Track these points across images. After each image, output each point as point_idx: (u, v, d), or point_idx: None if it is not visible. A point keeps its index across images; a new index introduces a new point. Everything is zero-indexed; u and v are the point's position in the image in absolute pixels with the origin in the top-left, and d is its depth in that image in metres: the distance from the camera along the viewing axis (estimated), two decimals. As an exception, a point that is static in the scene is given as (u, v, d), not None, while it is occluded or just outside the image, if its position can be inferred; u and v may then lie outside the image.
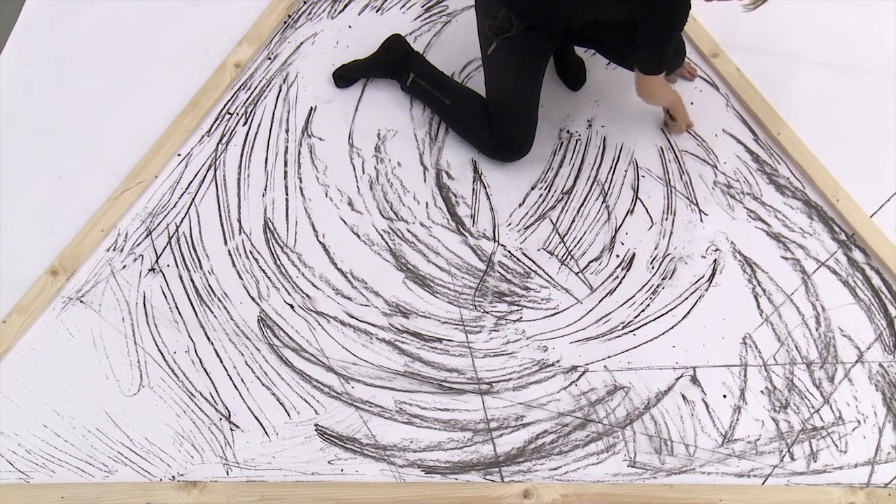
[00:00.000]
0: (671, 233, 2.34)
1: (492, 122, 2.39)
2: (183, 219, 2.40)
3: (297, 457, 2.07)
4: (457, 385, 2.15)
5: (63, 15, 2.80)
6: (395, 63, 2.54)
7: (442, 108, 2.49)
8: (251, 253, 2.35)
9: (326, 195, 2.44)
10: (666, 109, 2.47)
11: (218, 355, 2.20)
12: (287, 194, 2.44)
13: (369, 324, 2.24)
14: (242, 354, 2.20)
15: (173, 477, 2.06)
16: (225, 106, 2.60)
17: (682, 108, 2.46)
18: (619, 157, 2.47)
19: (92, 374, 2.18)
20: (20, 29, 2.78)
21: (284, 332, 2.23)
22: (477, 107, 2.43)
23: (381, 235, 2.37)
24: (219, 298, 2.28)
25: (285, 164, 2.49)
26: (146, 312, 2.26)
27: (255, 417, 2.12)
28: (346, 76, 2.59)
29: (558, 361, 2.17)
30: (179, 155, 2.51)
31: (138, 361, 2.19)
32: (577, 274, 2.30)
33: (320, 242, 2.36)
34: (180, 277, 2.31)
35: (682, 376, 2.14)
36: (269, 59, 2.69)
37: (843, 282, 2.25)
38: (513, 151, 2.41)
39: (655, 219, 2.36)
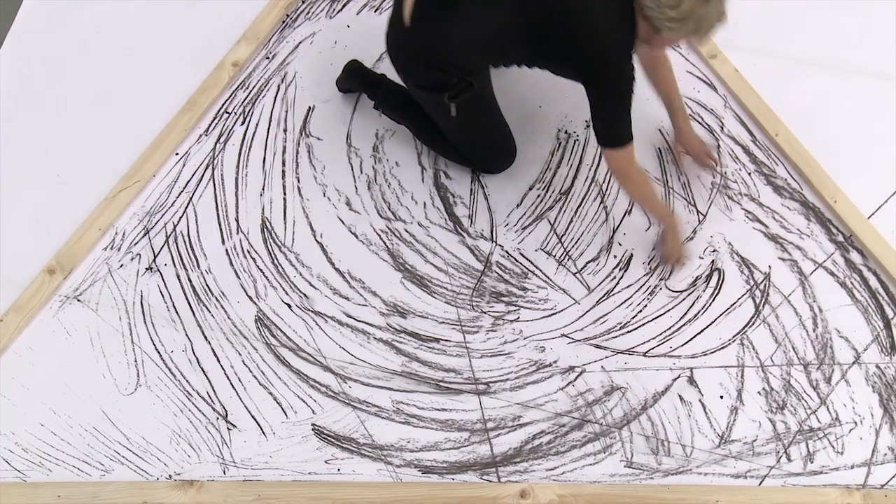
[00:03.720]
0: (669, 233, 2.34)
1: (472, 162, 2.39)
2: (180, 218, 2.40)
3: (293, 456, 2.07)
4: (454, 385, 2.15)
5: (61, 14, 2.80)
6: (358, 90, 2.50)
7: (416, 136, 2.47)
8: (249, 252, 2.35)
9: (324, 195, 2.44)
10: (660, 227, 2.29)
11: (215, 354, 2.20)
12: (285, 194, 2.44)
13: (367, 323, 2.24)
14: (240, 354, 2.20)
15: (170, 476, 2.06)
16: (223, 105, 2.60)
17: (673, 231, 2.21)
18: (617, 158, 2.46)
19: (89, 373, 2.18)
20: (18, 28, 2.78)
21: (282, 331, 2.23)
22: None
23: (379, 235, 2.37)
24: (216, 297, 2.28)
25: (283, 164, 2.49)
26: (143, 311, 2.26)
27: (252, 417, 2.12)
28: (343, 89, 2.59)
29: (555, 362, 2.17)
30: (177, 154, 2.51)
31: (135, 360, 2.19)
32: (574, 274, 2.30)
33: (318, 242, 2.36)
34: (178, 276, 2.31)
35: (679, 377, 2.14)
36: (268, 58, 2.69)
37: (840, 283, 2.25)
38: (498, 171, 2.42)
39: (653, 220, 2.36)
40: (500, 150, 2.39)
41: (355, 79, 2.49)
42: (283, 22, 2.76)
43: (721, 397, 2.12)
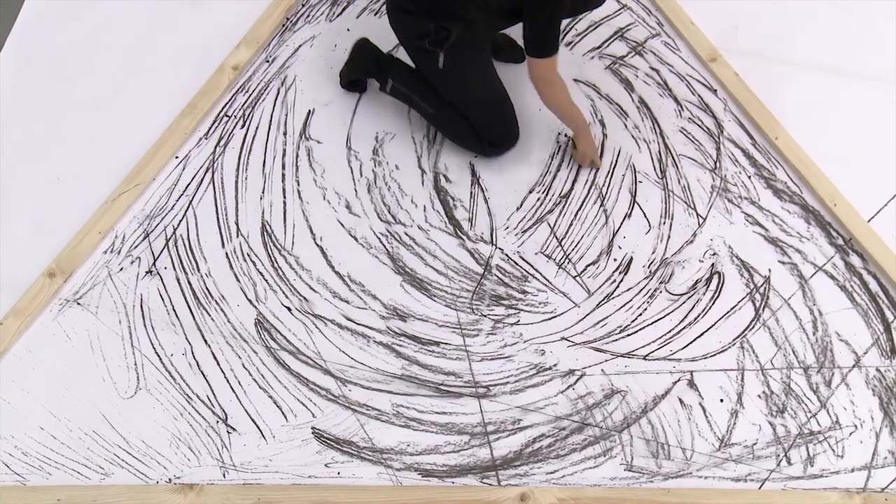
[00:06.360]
0: (669, 237, 2.34)
1: (474, 127, 2.39)
2: (180, 221, 2.40)
3: (293, 460, 2.07)
4: (454, 388, 2.15)
5: (61, 17, 2.81)
6: (367, 69, 2.52)
7: (425, 114, 2.48)
8: (249, 255, 2.35)
9: (324, 198, 2.44)
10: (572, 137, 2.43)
11: (215, 358, 2.20)
12: (285, 197, 2.44)
13: (367, 327, 2.24)
14: (239, 357, 2.20)
15: (170, 479, 2.05)
16: (223, 108, 2.60)
17: (586, 134, 2.37)
18: (617, 161, 2.47)
19: (89, 377, 2.17)
20: (18, 30, 2.78)
21: (282, 334, 2.23)
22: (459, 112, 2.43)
23: (379, 238, 2.37)
24: (216, 301, 2.28)
25: (283, 167, 2.49)
26: (143, 315, 2.26)
27: (252, 420, 2.12)
28: (346, 85, 2.59)
29: (555, 365, 2.17)
30: (177, 157, 2.51)
31: (135, 364, 2.19)
32: (574, 278, 2.30)
33: (318, 245, 2.36)
34: (177, 280, 2.31)
35: (679, 380, 2.14)
36: (268, 61, 2.69)
37: (840, 286, 2.25)
38: (503, 146, 2.43)
39: (653, 223, 2.36)
40: (502, 119, 2.40)
41: (366, 56, 2.50)
42: (283, 25, 2.76)
43: (721, 401, 2.11)
